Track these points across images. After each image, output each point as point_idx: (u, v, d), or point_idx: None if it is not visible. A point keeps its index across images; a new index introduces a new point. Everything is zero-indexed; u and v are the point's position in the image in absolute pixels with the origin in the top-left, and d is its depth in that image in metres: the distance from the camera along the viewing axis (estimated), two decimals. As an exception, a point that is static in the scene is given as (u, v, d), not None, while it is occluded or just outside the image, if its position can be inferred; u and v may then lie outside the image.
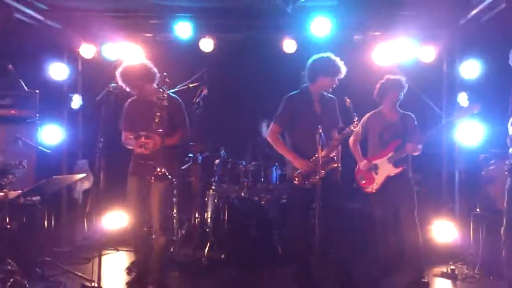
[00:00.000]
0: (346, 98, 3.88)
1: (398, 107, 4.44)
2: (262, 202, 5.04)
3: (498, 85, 4.13)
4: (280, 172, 5.32)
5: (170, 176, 3.68)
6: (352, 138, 4.56)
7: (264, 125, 5.28)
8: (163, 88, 3.74)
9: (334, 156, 3.88)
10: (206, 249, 4.70)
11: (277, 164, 5.23)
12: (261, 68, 5.77)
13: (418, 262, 4.27)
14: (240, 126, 5.84)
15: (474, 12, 4.99)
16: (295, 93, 4.03)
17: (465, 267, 4.64)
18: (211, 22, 5.51)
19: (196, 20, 5.39)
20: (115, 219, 5.04)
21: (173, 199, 4.64)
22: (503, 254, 3.73)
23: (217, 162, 5.29)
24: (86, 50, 5.70)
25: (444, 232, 5.08)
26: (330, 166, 3.84)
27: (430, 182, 5.47)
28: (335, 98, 4.06)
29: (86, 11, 5.31)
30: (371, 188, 4.39)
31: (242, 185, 5.17)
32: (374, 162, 4.38)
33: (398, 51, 5.45)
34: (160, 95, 3.72)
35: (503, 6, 4.68)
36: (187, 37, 5.47)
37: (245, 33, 5.54)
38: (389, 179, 4.30)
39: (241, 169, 5.22)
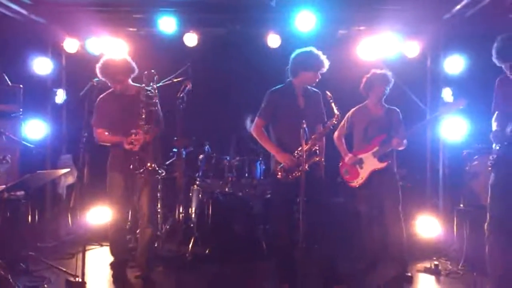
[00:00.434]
0: (327, 92, 3.88)
1: (383, 102, 4.45)
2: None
3: (481, 80, 4.16)
4: (264, 167, 5.31)
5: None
6: (337, 133, 4.57)
7: (248, 119, 5.26)
8: (152, 84, 3.78)
9: (316, 150, 3.87)
10: (190, 244, 4.68)
11: (261, 159, 5.21)
12: (245, 62, 5.74)
13: (401, 257, 4.29)
14: (224, 121, 5.82)
15: (458, 7, 5.00)
16: (279, 87, 4.01)
17: (448, 263, 4.67)
18: (195, 16, 5.48)
19: (180, 14, 5.35)
20: (99, 214, 4.98)
21: (157, 194, 4.63)
22: (487, 250, 3.75)
23: (201, 157, 5.27)
24: (70, 45, 5.65)
25: (428, 227, 5.10)
26: (313, 160, 3.83)
27: (414, 177, 5.50)
28: (319, 92, 4.04)
29: (70, 6, 5.25)
30: (356, 182, 4.40)
31: (226, 180, 5.14)
32: (359, 156, 4.39)
33: (383, 46, 5.45)
34: (149, 91, 3.73)
35: (487, 1, 4.70)
36: (171, 31, 5.43)
37: (229, 27, 5.52)
38: (374, 174, 4.31)
39: (225, 164, 5.19)
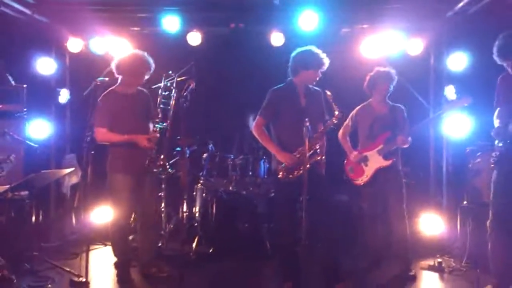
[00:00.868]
0: (327, 91, 3.89)
1: (387, 100, 4.46)
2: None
3: (484, 77, 4.15)
4: (268, 165, 5.30)
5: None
6: (341, 131, 4.59)
7: (251, 118, 5.26)
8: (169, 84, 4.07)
9: (317, 148, 3.88)
10: (194, 243, 4.70)
11: (264, 157, 5.22)
12: (248, 61, 5.74)
13: (405, 255, 4.32)
14: (228, 120, 5.83)
15: (461, 4, 4.98)
16: (280, 86, 4.03)
17: (452, 260, 4.66)
18: (199, 15, 5.47)
19: (183, 13, 5.35)
20: (103, 214, 5.01)
21: (161, 193, 4.67)
22: (489, 247, 3.76)
23: (205, 156, 5.29)
24: (74, 44, 5.65)
25: (431, 224, 5.11)
26: (314, 158, 3.84)
27: (418, 174, 5.50)
28: (321, 91, 4.04)
29: (74, 5, 5.26)
30: (361, 180, 4.42)
31: (230, 179, 5.16)
32: (364, 154, 4.40)
33: (386, 44, 5.44)
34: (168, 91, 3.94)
35: (490, -1, 4.70)
36: (175, 30, 5.43)
37: (232, 26, 5.52)
38: (379, 171, 4.32)
39: (229, 162, 5.21)
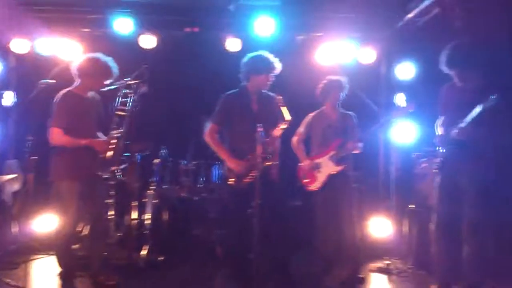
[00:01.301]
0: (278, 96, 3.92)
1: (339, 107, 4.55)
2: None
3: (431, 86, 4.29)
4: (221, 171, 5.30)
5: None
6: (295, 138, 4.65)
7: (206, 124, 5.25)
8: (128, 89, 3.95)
9: (270, 154, 3.90)
10: (144, 251, 4.59)
11: (218, 163, 5.20)
12: (204, 66, 5.71)
13: (355, 258, 4.41)
14: (182, 125, 5.76)
15: (410, 16, 5.18)
16: (233, 91, 4.04)
17: (399, 262, 4.81)
18: (152, 18, 5.40)
19: (136, 15, 5.26)
20: (46, 222, 4.81)
21: (110, 200, 4.54)
22: (433, 249, 3.91)
23: (157, 161, 5.20)
24: (19, 45, 5.43)
25: (380, 228, 5.24)
26: (266, 164, 3.85)
27: (368, 179, 5.63)
28: (275, 96, 4.08)
29: (19, 5, 5.06)
30: (314, 186, 4.48)
31: (182, 185, 5.11)
32: (317, 161, 4.46)
33: (339, 52, 5.57)
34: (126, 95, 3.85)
35: (437, 11, 4.89)
36: (127, 32, 5.33)
37: (187, 30, 5.49)
38: (331, 177, 4.40)
39: (182, 168, 5.16)
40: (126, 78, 4.28)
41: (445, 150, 3.84)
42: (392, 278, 4.49)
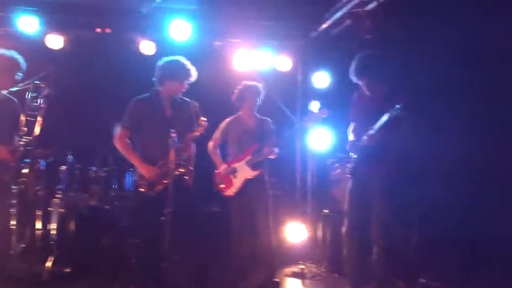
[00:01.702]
0: (193, 102, 3.86)
1: (255, 113, 4.57)
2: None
3: (345, 95, 4.43)
4: (134, 178, 5.11)
5: None
6: (211, 143, 4.61)
7: (116, 128, 5.04)
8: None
9: (183, 160, 3.82)
10: (48, 263, 4.30)
11: (131, 169, 5.01)
12: (116, 68, 5.50)
13: (270, 263, 4.43)
14: (91, 130, 5.46)
15: (324, 26, 5.36)
16: (144, 95, 3.91)
17: (313, 266, 4.92)
18: (59, 17, 5.12)
19: (42, 14, 4.96)
20: None
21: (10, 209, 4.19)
22: (345, 252, 4.02)
23: (63, 168, 4.90)
24: None
25: (296, 233, 5.32)
26: (179, 170, 3.77)
27: (285, 185, 5.72)
28: (190, 101, 4.00)
29: None
30: (230, 191, 4.45)
31: (92, 192, 4.86)
32: (233, 166, 4.44)
33: (257, 59, 5.61)
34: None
35: (349, 22, 5.09)
36: (33, 32, 5.01)
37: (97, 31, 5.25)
38: (247, 182, 4.39)
39: (91, 175, 4.91)
40: (31, 79, 4.01)
41: (356, 156, 3.98)
42: (305, 282, 4.57)
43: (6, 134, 3.69)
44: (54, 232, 4.42)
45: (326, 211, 5.07)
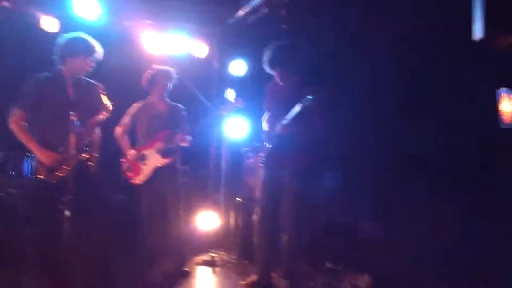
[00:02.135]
0: (99, 84, 3.68)
1: (167, 98, 4.44)
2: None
3: (260, 84, 4.43)
4: (33, 163, 4.76)
5: None
6: (119, 128, 4.43)
7: (11, 110, 4.65)
8: None
9: (87, 145, 3.61)
10: None
11: (30, 155, 4.65)
12: (15, 45, 5.05)
13: (180, 252, 4.36)
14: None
15: (240, 13, 5.30)
16: (44, 74, 3.62)
17: (225, 254, 4.91)
18: None
19: None
20: None
21: None
22: (255, 240, 4.05)
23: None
24: None
25: (209, 221, 5.28)
26: (82, 156, 3.57)
27: (199, 173, 5.65)
28: (96, 84, 3.80)
29: None
30: (139, 179, 4.31)
31: (-16, 179, 4.48)
32: (142, 152, 4.30)
33: (171, 43, 5.43)
34: None
35: (265, 11, 5.08)
36: None
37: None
38: (157, 170, 4.27)
39: (-16, 161, 4.52)
40: None
41: (270, 145, 4.01)
42: (216, 270, 4.56)
43: None
44: None
45: (239, 199, 5.07)
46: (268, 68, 3.97)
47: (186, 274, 4.31)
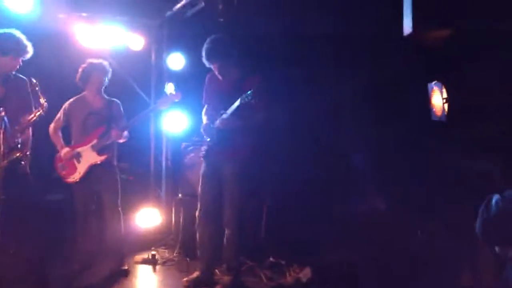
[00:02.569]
0: (33, 80, 3.51)
1: (103, 93, 4.29)
2: None
3: (199, 77, 4.39)
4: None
5: None
6: (52, 125, 4.27)
7: None
8: None
9: (18, 143, 3.44)
10: None
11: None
12: None
13: (119, 251, 4.26)
14: None
15: (178, 6, 5.22)
16: None
17: (166, 251, 4.85)
18: None
19: None
20: None
21: None
22: (197, 236, 4.03)
23: None
24: None
25: (149, 218, 5.18)
26: (14, 154, 3.40)
27: (138, 170, 5.52)
28: (26, 79, 3.63)
29: None
30: (73, 177, 4.16)
31: None
32: (77, 150, 4.16)
33: (107, 36, 5.23)
34: None
35: (203, 4, 5.02)
36: None
37: None
38: (92, 168, 4.14)
39: None
40: None
41: (209, 139, 3.98)
42: (157, 268, 4.49)
43: None
44: None
45: (180, 196, 5.01)
46: (206, 62, 3.94)
47: (126, 274, 4.21)
